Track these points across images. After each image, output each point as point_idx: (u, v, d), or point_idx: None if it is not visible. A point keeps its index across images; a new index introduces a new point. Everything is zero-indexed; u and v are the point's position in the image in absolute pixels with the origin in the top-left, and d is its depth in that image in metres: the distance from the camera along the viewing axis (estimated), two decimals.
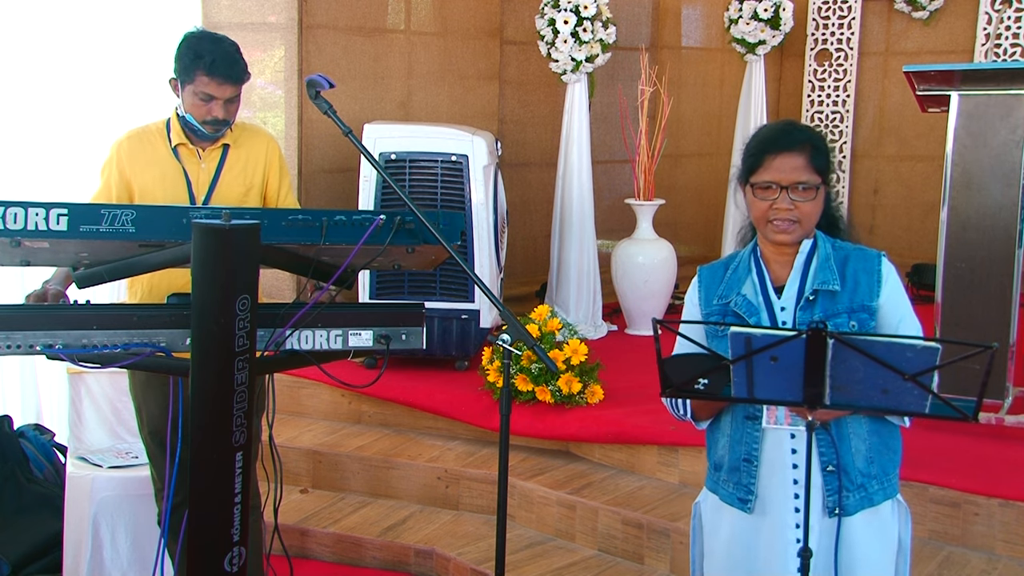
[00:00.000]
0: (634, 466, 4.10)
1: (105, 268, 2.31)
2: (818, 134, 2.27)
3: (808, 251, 2.24)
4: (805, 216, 2.19)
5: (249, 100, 5.36)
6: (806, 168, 2.18)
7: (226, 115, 2.97)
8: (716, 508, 2.35)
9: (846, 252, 2.25)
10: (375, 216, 2.30)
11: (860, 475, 2.20)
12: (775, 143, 2.21)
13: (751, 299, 2.25)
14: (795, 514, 2.21)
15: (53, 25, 4.54)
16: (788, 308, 2.22)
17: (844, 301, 2.20)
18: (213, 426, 2.11)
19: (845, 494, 2.18)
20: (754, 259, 2.29)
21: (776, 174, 2.18)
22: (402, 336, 2.40)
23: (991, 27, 6.11)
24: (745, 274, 2.29)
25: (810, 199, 2.18)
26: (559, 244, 5.57)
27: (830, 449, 2.18)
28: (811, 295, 2.20)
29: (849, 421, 2.20)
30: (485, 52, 6.16)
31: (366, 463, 4.33)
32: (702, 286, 2.36)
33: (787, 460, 2.21)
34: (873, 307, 2.20)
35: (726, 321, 2.26)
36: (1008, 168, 3.73)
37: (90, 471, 3.74)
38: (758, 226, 2.25)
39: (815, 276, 2.21)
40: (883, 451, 2.24)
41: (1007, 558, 3.37)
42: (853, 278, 2.21)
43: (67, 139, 4.60)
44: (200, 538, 2.16)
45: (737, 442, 2.27)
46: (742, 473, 2.26)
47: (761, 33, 6.19)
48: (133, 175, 3.05)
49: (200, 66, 2.89)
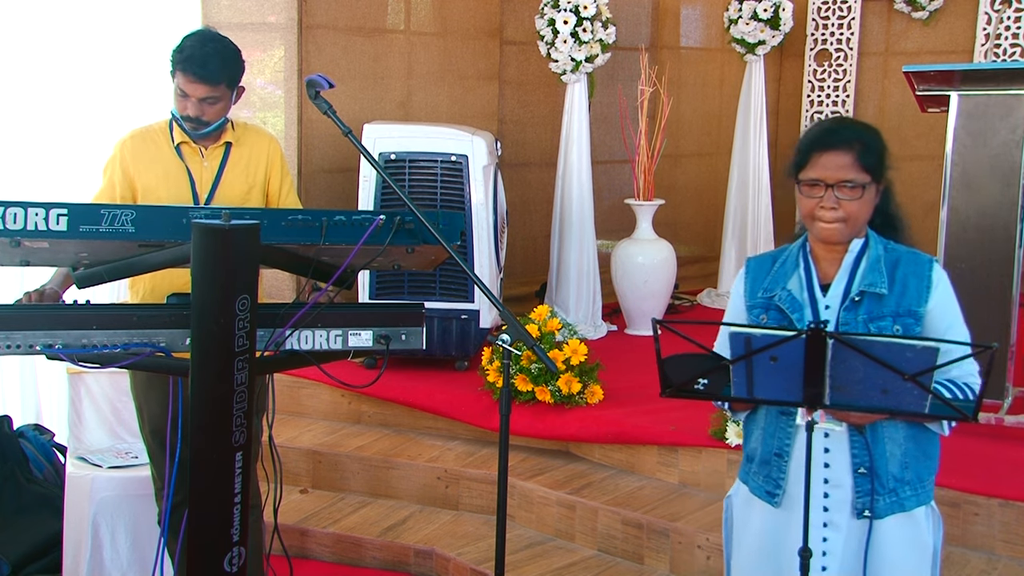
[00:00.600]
0: (634, 466, 4.10)
1: (105, 268, 2.31)
2: (871, 132, 2.22)
3: (858, 251, 2.21)
4: (851, 215, 2.15)
5: (249, 100, 5.36)
6: (853, 166, 2.14)
7: (200, 114, 2.96)
8: (747, 501, 2.35)
9: (898, 255, 2.22)
10: (375, 216, 2.30)
11: (893, 479, 2.18)
12: (823, 140, 2.18)
13: (796, 295, 2.23)
14: (824, 513, 2.20)
15: (53, 25, 4.54)
16: (833, 307, 2.20)
17: (891, 304, 2.17)
18: (213, 426, 2.11)
19: (876, 497, 2.16)
20: (803, 255, 2.27)
21: (822, 171, 2.15)
22: (402, 336, 2.40)
23: (991, 27, 6.10)
24: (792, 269, 2.26)
25: (856, 198, 2.15)
26: (559, 244, 5.57)
27: (863, 452, 2.16)
28: (857, 296, 2.18)
29: (885, 425, 2.17)
30: (485, 52, 6.16)
31: (366, 463, 4.33)
32: (748, 277, 2.34)
33: (819, 459, 2.20)
34: (920, 312, 2.17)
35: (769, 315, 2.25)
36: (1008, 168, 3.72)
37: (90, 471, 3.74)
38: (806, 223, 2.23)
39: (863, 277, 2.18)
40: (920, 458, 2.21)
41: (1007, 558, 3.37)
42: (902, 282, 2.18)
43: (67, 139, 4.60)
44: (200, 538, 2.16)
45: (770, 436, 2.26)
46: (772, 467, 2.26)
47: (761, 33, 6.19)
48: (137, 174, 3.06)
49: (178, 60, 2.93)
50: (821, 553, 2.21)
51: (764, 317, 2.26)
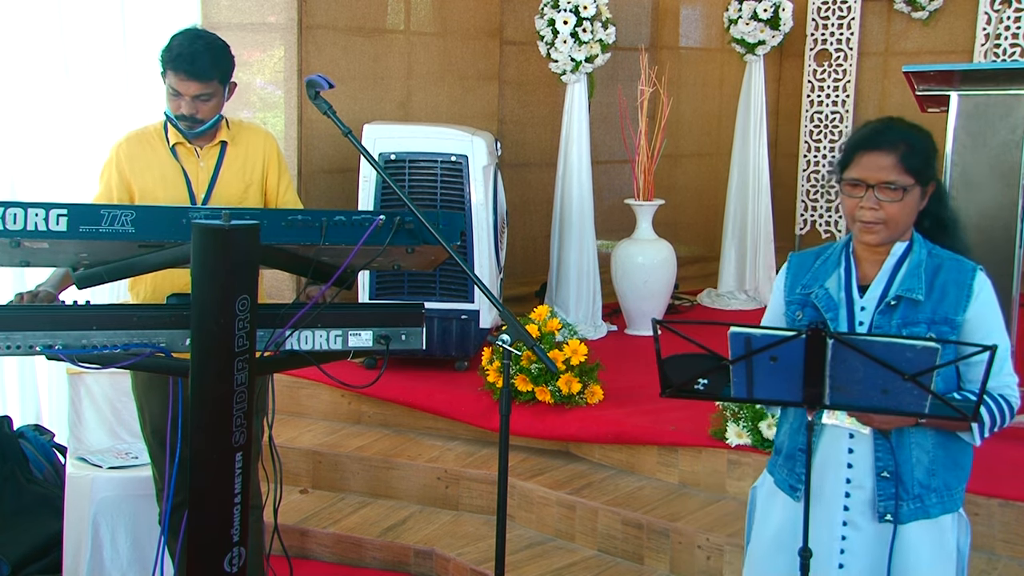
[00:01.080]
0: (634, 466, 4.10)
1: (105, 268, 2.31)
2: (919, 133, 2.20)
3: (900, 254, 2.19)
4: (891, 217, 2.13)
5: (249, 100, 5.36)
6: (895, 168, 2.12)
7: (193, 112, 2.95)
8: (771, 493, 2.35)
9: (940, 261, 2.19)
10: (375, 216, 2.30)
11: (918, 486, 2.16)
12: (867, 140, 2.16)
13: (833, 294, 2.22)
14: (844, 512, 2.20)
15: (53, 25, 4.54)
16: (868, 309, 2.18)
17: (927, 311, 2.14)
18: (213, 426, 2.11)
19: (900, 503, 2.15)
20: (845, 254, 2.25)
21: (863, 172, 2.14)
22: (402, 336, 2.40)
23: (991, 27, 6.10)
24: (833, 268, 2.25)
25: (896, 200, 2.12)
26: (559, 244, 5.57)
27: (887, 455, 2.15)
28: (893, 300, 2.16)
29: (912, 431, 2.15)
30: (485, 52, 6.16)
31: (366, 463, 4.33)
32: (790, 272, 2.33)
33: (842, 459, 2.20)
34: (957, 321, 2.14)
35: (805, 312, 2.23)
36: (1008, 168, 3.72)
37: (90, 471, 3.74)
38: (848, 223, 2.21)
39: (901, 282, 2.16)
40: (949, 466, 2.19)
41: (1007, 558, 3.37)
42: (941, 289, 2.16)
43: (67, 139, 4.60)
44: (200, 538, 2.17)
45: (796, 431, 2.26)
46: (796, 462, 2.26)
47: (761, 33, 6.19)
48: (133, 176, 3.05)
49: (168, 59, 2.92)
50: (839, 551, 2.21)
51: (800, 314, 2.25)
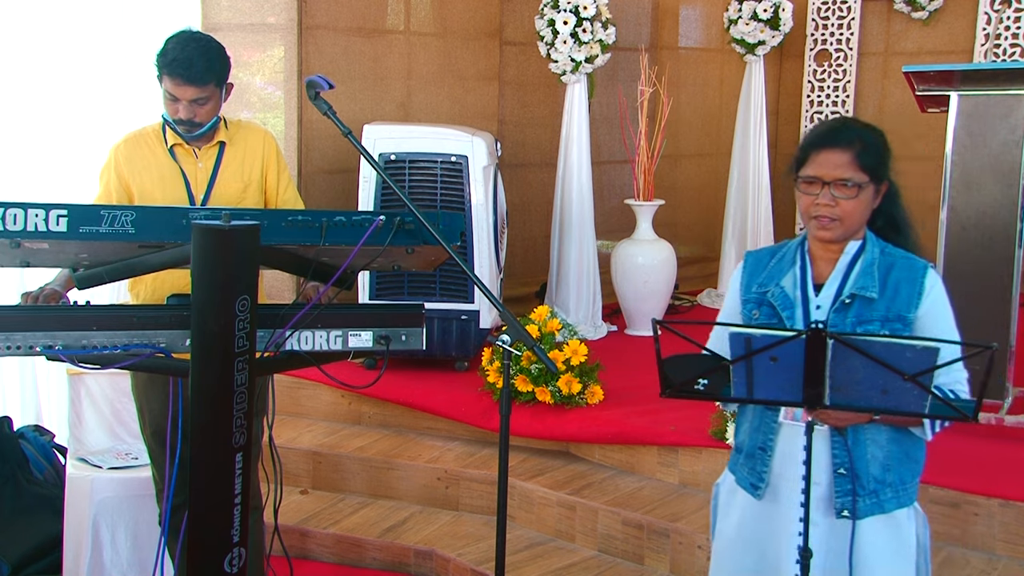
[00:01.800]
0: (634, 467, 4.10)
1: (105, 269, 2.31)
2: (873, 132, 2.24)
3: (854, 253, 2.21)
4: (846, 214, 2.16)
5: (249, 101, 5.36)
6: (851, 165, 2.15)
7: (191, 116, 2.95)
8: (732, 490, 2.37)
9: (893, 259, 2.22)
10: (375, 217, 2.30)
11: (874, 481, 2.19)
12: (822, 139, 2.20)
13: (789, 292, 2.24)
14: (801, 509, 2.20)
15: (53, 25, 4.54)
16: (824, 307, 2.21)
17: (880, 309, 2.17)
18: (213, 427, 2.11)
19: (856, 499, 2.17)
20: (801, 253, 2.28)
21: (819, 169, 2.17)
22: (402, 337, 2.40)
23: (991, 27, 6.11)
24: (789, 266, 2.28)
25: (851, 197, 2.15)
26: (559, 245, 5.57)
27: (843, 452, 2.17)
28: (848, 298, 2.18)
29: (867, 428, 2.18)
30: (485, 53, 6.16)
31: (366, 464, 4.33)
32: (746, 271, 2.35)
33: (799, 456, 2.20)
34: (909, 318, 2.17)
35: (761, 311, 2.26)
36: (1008, 168, 3.72)
37: (90, 472, 3.74)
38: (804, 221, 2.24)
39: (855, 280, 2.19)
40: (903, 460, 2.22)
41: (1007, 558, 3.37)
42: (894, 287, 2.18)
43: (67, 140, 4.60)
44: (200, 539, 2.16)
45: (756, 429, 2.28)
46: (756, 460, 2.28)
47: (760, 33, 6.19)
48: (132, 178, 3.05)
49: (163, 64, 2.91)
50: (797, 548, 2.20)
51: (756, 313, 2.28)
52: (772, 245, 2.39)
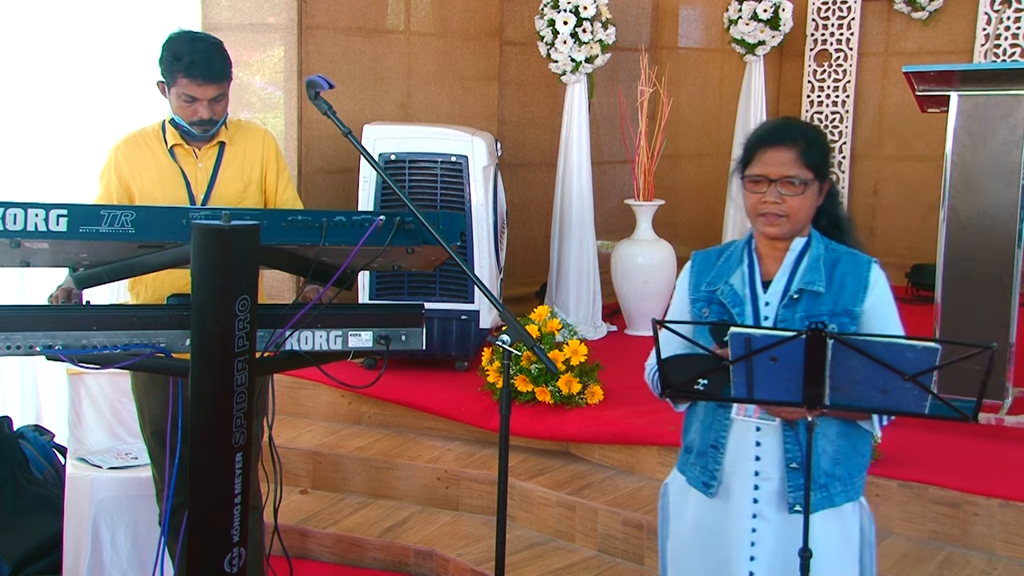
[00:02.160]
0: (634, 466, 4.10)
1: (105, 269, 2.31)
2: (815, 131, 2.29)
3: (800, 249, 2.26)
4: (793, 211, 2.20)
5: (249, 101, 5.36)
6: (796, 163, 2.20)
7: (211, 114, 2.97)
8: (683, 490, 2.38)
9: (838, 255, 2.27)
10: (375, 217, 2.30)
11: (824, 475, 2.22)
12: (767, 137, 2.24)
13: (738, 290, 2.28)
14: (753, 504, 2.24)
15: (53, 25, 4.54)
16: (772, 304, 2.24)
17: (827, 303, 2.21)
18: (213, 427, 2.11)
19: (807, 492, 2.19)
20: (748, 251, 2.32)
21: (765, 167, 2.21)
22: (402, 337, 2.40)
23: (991, 27, 6.11)
24: (736, 264, 2.32)
25: (798, 194, 2.20)
26: (559, 245, 5.57)
27: (795, 447, 2.20)
28: (795, 294, 2.22)
29: (818, 422, 2.18)
30: (485, 53, 6.16)
31: (366, 464, 4.33)
32: (694, 271, 2.40)
33: (751, 452, 2.24)
34: (856, 312, 2.21)
35: (711, 309, 2.29)
36: (1008, 168, 3.73)
37: (90, 472, 3.74)
38: (750, 219, 2.28)
39: (803, 275, 2.23)
40: (851, 454, 2.25)
41: (1007, 558, 3.37)
42: (840, 281, 2.23)
43: (67, 140, 4.60)
44: (200, 539, 2.16)
45: (707, 427, 2.30)
46: (708, 458, 2.29)
47: (761, 33, 6.19)
48: (132, 178, 3.05)
49: (179, 68, 2.89)
50: (750, 543, 2.25)
51: (706, 311, 2.31)
52: (719, 245, 2.44)
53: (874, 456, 3.32)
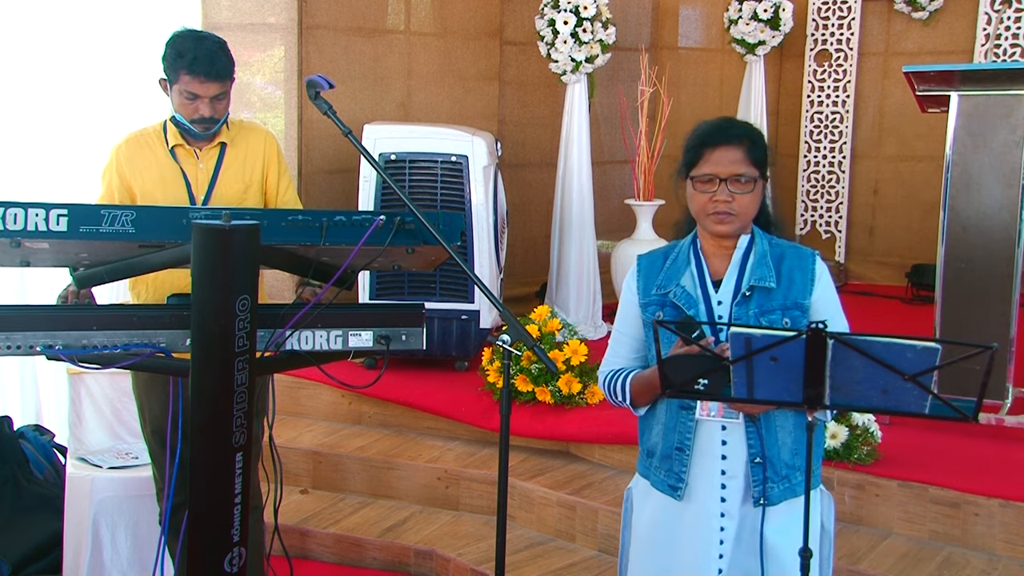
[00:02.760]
0: (634, 466, 4.09)
1: (105, 269, 2.31)
2: (755, 129, 2.32)
3: (746, 247, 2.28)
4: (743, 208, 2.23)
5: (249, 101, 5.36)
6: (744, 161, 2.23)
7: (213, 113, 2.97)
8: (645, 494, 2.39)
9: (782, 250, 2.30)
10: (375, 217, 2.30)
11: (785, 467, 2.25)
12: (714, 137, 2.26)
13: (690, 291, 2.29)
14: (721, 503, 2.26)
15: (53, 26, 4.54)
16: (725, 302, 2.27)
17: (779, 298, 2.24)
18: (213, 427, 2.11)
19: (770, 485, 2.23)
20: (693, 251, 2.34)
21: (715, 167, 2.23)
22: (402, 336, 2.40)
23: (991, 27, 6.11)
24: (684, 266, 2.33)
25: (748, 191, 2.23)
26: (559, 244, 5.57)
27: (757, 442, 2.23)
28: (747, 291, 2.25)
29: (776, 415, 2.24)
30: (485, 53, 6.16)
31: (366, 464, 4.33)
32: (640, 275, 2.41)
33: (716, 451, 2.26)
34: (805, 305, 2.25)
35: (665, 312, 2.31)
36: (1008, 168, 3.72)
37: (90, 472, 3.74)
38: (698, 219, 2.30)
39: (752, 272, 2.26)
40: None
41: (1007, 558, 3.37)
42: (788, 276, 2.26)
43: (67, 140, 4.60)
44: (200, 539, 2.16)
45: (671, 430, 2.30)
46: (674, 461, 2.30)
47: (761, 33, 6.20)
48: (133, 178, 3.05)
49: (182, 65, 2.90)
50: (719, 542, 2.26)
51: (660, 314, 2.32)
52: (662, 247, 2.45)
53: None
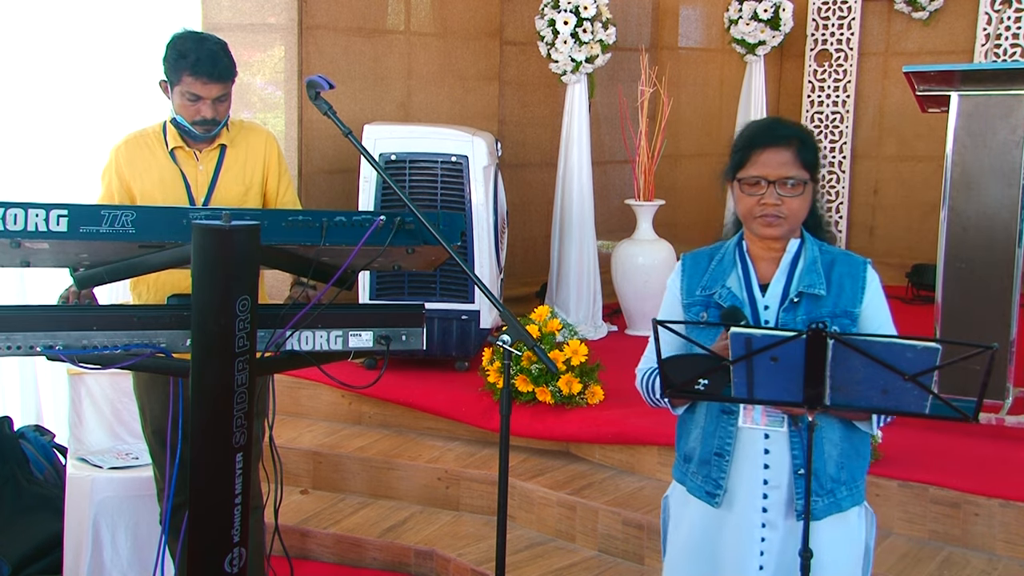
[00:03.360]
0: (634, 466, 4.10)
1: (105, 269, 2.31)
2: (806, 130, 2.26)
3: (795, 252, 2.23)
4: (792, 212, 2.18)
5: (249, 101, 5.36)
6: (794, 163, 2.17)
7: (215, 114, 2.96)
8: (683, 500, 2.35)
9: (833, 256, 2.25)
10: (375, 217, 2.30)
11: (830, 480, 2.19)
12: (763, 138, 2.20)
13: (736, 293, 2.24)
14: (762, 514, 2.20)
15: (53, 26, 4.54)
16: (772, 307, 2.22)
17: (828, 305, 2.19)
18: (213, 427, 2.11)
19: (814, 499, 2.17)
20: (739, 253, 2.28)
21: (763, 169, 2.17)
22: (402, 337, 2.40)
23: (991, 27, 6.11)
24: (730, 268, 2.28)
25: (798, 194, 2.17)
26: (559, 245, 5.57)
27: (800, 452, 2.17)
28: (796, 297, 2.19)
29: (822, 426, 2.18)
30: (485, 53, 6.16)
31: (366, 464, 4.33)
32: (685, 275, 2.37)
33: (759, 459, 2.20)
34: (855, 313, 2.20)
35: (709, 313, 2.26)
36: (1008, 168, 3.72)
37: (90, 472, 3.74)
38: (745, 222, 2.24)
39: (801, 278, 2.20)
40: (854, 457, 2.23)
41: (1007, 558, 3.37)
42: (839, 283, 2.21)
43: (67, 140, 4.60)
44: (200, 539, 2.16)
45: (710, 435, 2.25)
46: (712, 467, 2.25)
47: (761, 34, 6.19)
48: (132, 180, 3.05)
49: (184, 66, 2.89)
50: (759, 553, 2.21)
51: (704, 315, 2.28)
52: (708, 247, 2.39)
53: (874, 456, 3.33)
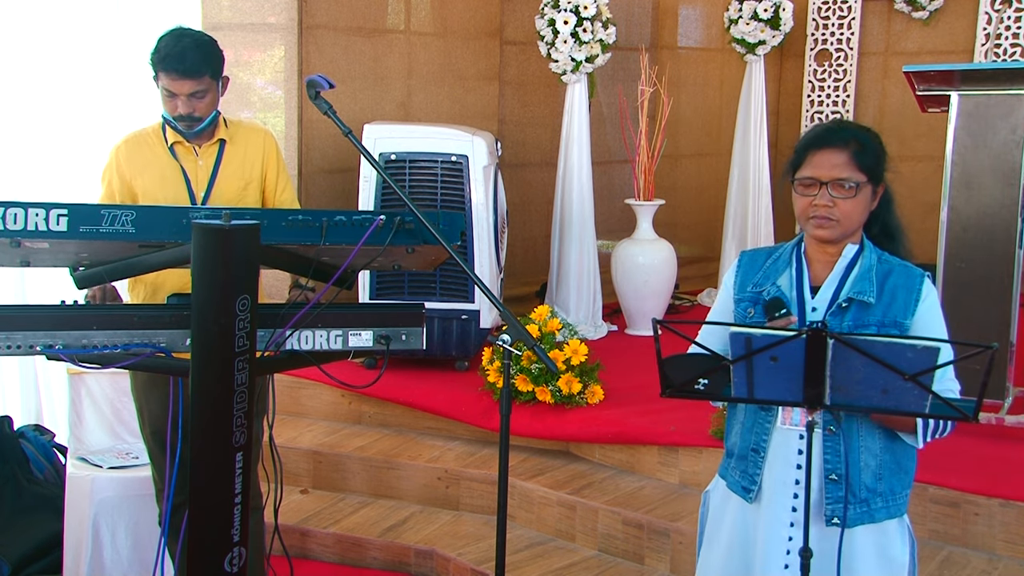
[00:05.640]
0: (634, 466, 4.10)
1: (105, 269, 2.31)
2: (868, 133, 2.23)
3: (852, 257, 2.21)
4: (844, 215, 2.16)
5: (249, 101, 5.36)
6: (848, 165, 2.15)
7: (190, 110, 2.96)
8: (724, 497, 2.35)
9: (890, 266, 2.22)
10: (375, 217, 2.30)
11: (865, 490, 2.18)
12: (819, 139, 2.19)
13: (785, 292, 2.23)
14: (792, 513, 2.20)
15: (53, 25, 4.54)
16: (820, 310, 2.20)
17: (877, 314, 2.17)
18: (213, 427, 2.11)
19: (847, 506, 2.16)
20: (796, 254, 2.28)
21: (816, 170, 2.16)
22: (402, 336, 2.40)
23: (991, 27, 6.10)
24: (785, 266, 2.27)
25: (850, 197, 2.15)
26: (559, 244, 5.57)
27: (836, 458, 2.16)
28: (844, 302, 2.18)
29: (862, 435, 2.17)
30: (485, 52, 6.15)
31: (366, 463, 4.33)
32: (740, 271, 2.35)
33: (792, 459, 2.20)
34: (905, 324, 2.17)
35: (756, 309, 2.25)
36: (1008, 168, 3.73)
37: (90, 472, 3.74)
38: (800, 222, 2.24)
39: (853, 284, 2.19)
40: (895, 470, 2.21)
41: (1007, 558, 3.37)
42: (891, 293, 2.18)
43: (67, 140, 4.60)
44: (200, 539, 2.16)
45: (749, 430, 2.27)
46: (749, 462, 2.26)
47: (761, 33, 6.19)
48: (133, 177, 3.06)
49: (158, 61, 2.93)
50: (785, 552, 2.21)
51: (751, 311, 2.27)
52: (768, 246, 2.39)
53: None
